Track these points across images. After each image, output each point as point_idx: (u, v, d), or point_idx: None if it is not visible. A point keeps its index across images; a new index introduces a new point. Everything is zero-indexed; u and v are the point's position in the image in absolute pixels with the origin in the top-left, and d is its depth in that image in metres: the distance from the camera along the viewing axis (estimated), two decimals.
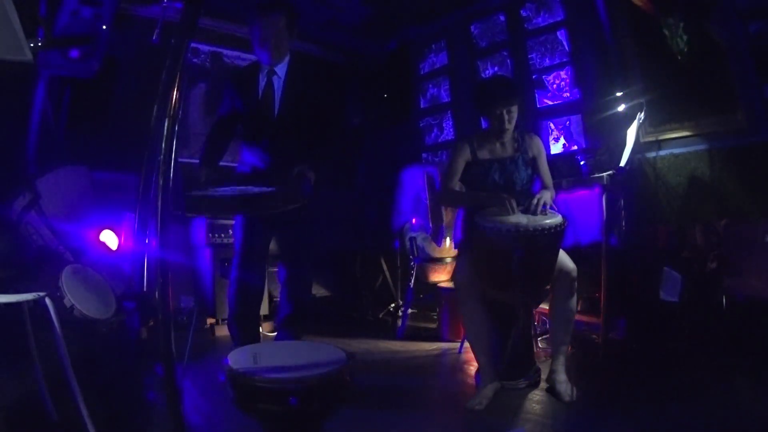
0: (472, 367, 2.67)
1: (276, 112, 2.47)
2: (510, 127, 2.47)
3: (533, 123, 3.99)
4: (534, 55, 4.08)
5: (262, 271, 2.65)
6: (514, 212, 2.26)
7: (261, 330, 3.70)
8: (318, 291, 4.50)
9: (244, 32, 3.53)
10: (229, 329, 2.71)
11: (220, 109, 2.67)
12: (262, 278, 2.66)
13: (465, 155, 2.54)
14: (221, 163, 2.71)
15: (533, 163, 2.57)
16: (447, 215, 3.68)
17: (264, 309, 3.83)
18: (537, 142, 2.60)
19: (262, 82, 2.50)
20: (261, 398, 1.56)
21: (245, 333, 2.62)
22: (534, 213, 2.28)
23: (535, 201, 2.32)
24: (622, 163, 3.02)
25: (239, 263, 2.58)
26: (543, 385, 2.49)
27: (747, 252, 2.75)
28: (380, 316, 4.30)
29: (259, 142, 2.52)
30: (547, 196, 2.37)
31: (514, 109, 2.46)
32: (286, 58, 2.51)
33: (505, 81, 2.70)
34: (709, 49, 3.00)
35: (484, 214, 2.28)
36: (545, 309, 2.77)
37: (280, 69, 2.49)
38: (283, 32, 2.43)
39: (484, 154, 2.55)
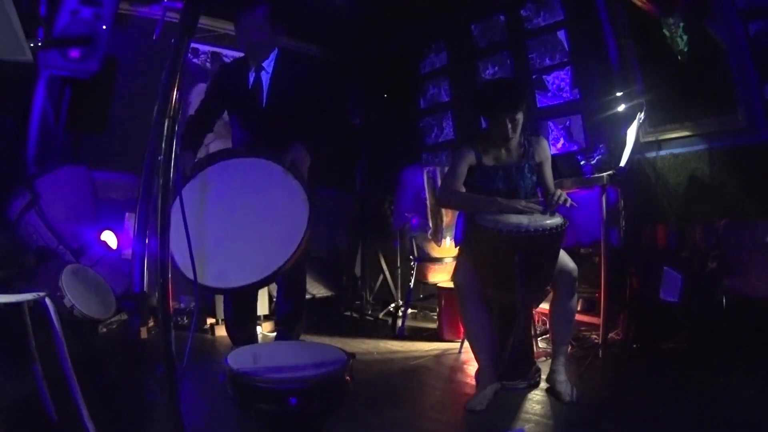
0: (472, 367, 2.67)
1: (264, 106, 2.49)
2: (514, 135, 2.38)
3: (533, 123, 3.99)
4: (534, 55, 4.08)
5: None
6: (534, 212, 2.25)
7: (261, 330, 3.71)
8: (318, 291, 4.51)
9: None
10: (227, 331, 2.72)
11: (205, 98, 2.66)
12: None
13: (470, 160, 2.45)
14: None
15: (539, 168, 2.50)
16: (447, 215, 3.68)
17: (264, 309, 3.83)
18: (543, 145, 2.51)
19: (251, 77, 2.51)
20: (261, 398, 1.56)
21: (243, 334, 2.63)
22: (551, 205, 2.26)
23: (557, 195, 2.26)
24: (622, 163, 3.02)
25: None
26: (543, 385, 2.49)
27: (747, 252, 2.75)
28: (380, 316, 4.30)
29: (249, 133, 2.54)
30: (564, 193, 2.33)
31: (519, 116, 2.34)
32: (273, 54, 2.51)
33: (509, 86, 2.48)
34: (709, 49, 3.00)
35: (485, 214, 2.27)
36: (545, 309, 2.77)
37: (268, 64, 2.50)
38: (267, 26, 2.43)
39: (488, 160, 2.46)
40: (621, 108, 3.33)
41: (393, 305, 4.31)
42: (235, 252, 2.13)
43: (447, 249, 3.71)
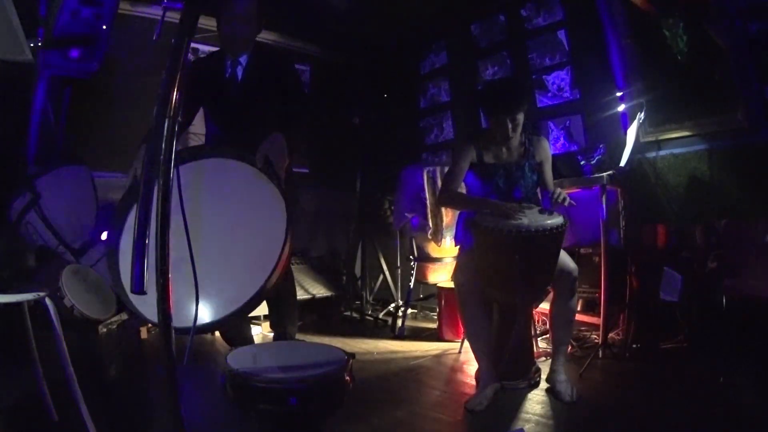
0: (472, 367, 2.67)
1: (237, 99, 2.43)
2: (514, 134, 2.40)
3: (533, 123, 3.99)
4: (534, 55, 4.08)
5: None
6: (526, 217, 2.24)
7: (261, 330, 3.71)
8: (318, 291, 4.51)
9: None
10: (221, 334, 2.71)
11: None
12: None
13: (470, 157, 2.47)
14: None
15: (539, 168, 2.51)
16: (447, 215, 3.68)
17: (264, 309, 3.83)
18: (544, 145, 2.53)
19: (228, 70, 2.46)
20: (261, 398, 1.56)
21: (237, 336, 2.62)
22: (554, 204, 2.28)
23: (558, 194, 2.29)
24: (622, 163, 3.02)
25: None
26: (543, 385, 2.49)
27: (747, 252, 2.75)
28: (380, 316, 4.30)
29: (222, 127, 2.51)
30: (565, 193, 2.35)
31: (520, 116, 2.36)
32: (250, 48, 2.46)
33: (510, 87, 2.51)
34: (709, 49, 2.99)
35: (486, 214, 2.27)
36: (545, 309, 2.77)
37: (244, 58, 2.45)
38: (253, 21, 2.39)
39: (489, 158, 2.47)
40: (621, 108, 3.33)
41: (393, 305, 4.31)
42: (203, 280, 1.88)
43: (447, 249, 3.71)
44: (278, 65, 2.53)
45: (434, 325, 3.87)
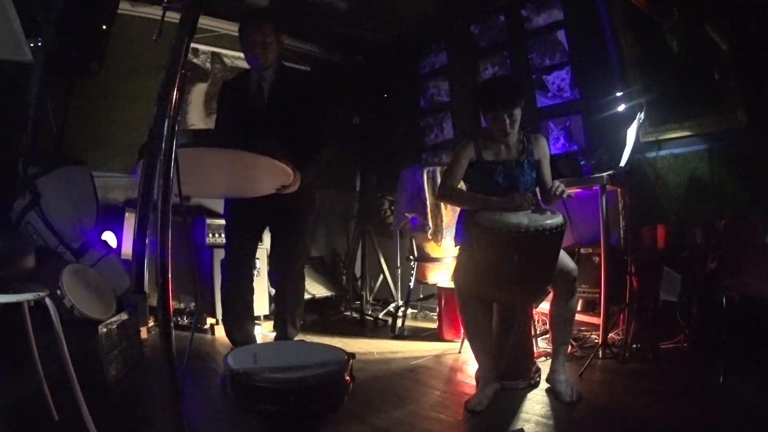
0: (472, 367, 2.67)
1: (263, 115, 2.53)
2: (512, 131, 2.40)
3: (534, 123, 3.99)
4: (534, 55, 4.08)
5: (250, 269, 2.73)
6: (531, 206, 2.26)
7: (261, 330, 3.72)
8: (318, 291, 4.51)
9: None
10: (226, 332, 2.73)
11: (217, 117, 2.72)
12: (250, 276, 2.73)
13: (469, 155, 2.48)
14: None
15: (538, 165, 2.52)
16: (447, 215, 3.68)
17: (264, 309, 3.84)
18: (543, 143, 2.54)
19: (253, 88, 2.58)
20: (261, 398, 1.57)
21: (240, 334, 2.64)
22: (551, 198, 2.33)
23: (555, 186, 2.33)
24: (622, 163, 3.02)
25: (228, 262, 2.66)
26: (543, 385, 2.49)
27: (747, 252, 2.75)
28: (380, 316, 4.30)
29: None
30: (563, 185, 2.38)
31: (517, 112, 2.37)
32: (275, 64, 2.58)
33: (507, 83, 2.56)
34: (709, 49, 2.99)
35: (485, 214, 2.27)
36: (545, 309, 2.77)
37: (269, 74, 2.57)
38: (272, 39, 2.51)
39: (488, 155, 2.48)
40: (621, 108, 3.33)
41: (393, 305, 4.31)
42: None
43: (447, 249, 3.71)
44: (304, 88, 2.63)
45: (434, 325, 3.87)
